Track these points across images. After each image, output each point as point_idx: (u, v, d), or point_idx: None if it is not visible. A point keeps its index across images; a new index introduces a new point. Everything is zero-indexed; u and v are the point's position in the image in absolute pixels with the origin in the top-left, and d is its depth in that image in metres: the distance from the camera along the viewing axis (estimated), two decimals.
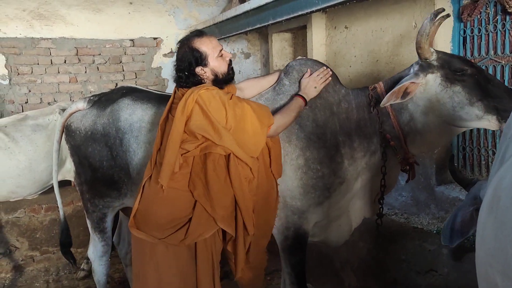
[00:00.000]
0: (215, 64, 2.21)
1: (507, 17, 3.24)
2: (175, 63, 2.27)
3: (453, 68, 2.23)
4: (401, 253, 2.86)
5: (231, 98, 2.15)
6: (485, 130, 3.47)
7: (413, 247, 2.83)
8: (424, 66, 2.28)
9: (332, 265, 3.51)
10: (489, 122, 2.19)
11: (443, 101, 2.24)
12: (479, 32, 3.44)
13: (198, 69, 2.19)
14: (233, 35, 5.23)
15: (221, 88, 2.26)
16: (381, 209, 2.50)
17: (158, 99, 2.72)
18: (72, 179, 3.16)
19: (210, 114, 2.07)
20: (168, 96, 2.84)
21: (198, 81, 2.21)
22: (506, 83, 3.30)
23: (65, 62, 5.19)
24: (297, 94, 2.38)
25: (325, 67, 2.50)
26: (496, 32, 3.34)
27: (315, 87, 2.39)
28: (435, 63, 2.27)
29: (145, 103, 2.69)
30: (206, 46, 2.20)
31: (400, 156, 2.40)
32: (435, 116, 2.30)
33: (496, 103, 2.13)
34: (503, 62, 3.31)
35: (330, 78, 2.46)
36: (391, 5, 3.88)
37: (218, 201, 2.11)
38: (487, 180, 2.13)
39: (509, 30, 3.25)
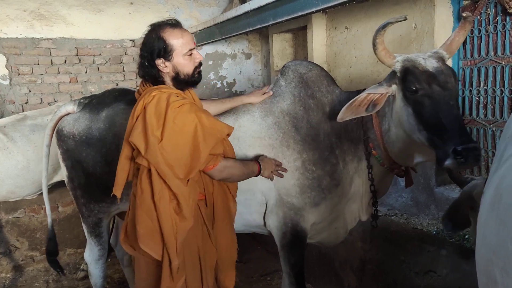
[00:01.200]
0: (180, 62, 2.01)
1: (507, 18, 3.24)
2: (140, 46, 2.09)
3: (407, 85, 1.98)
4: (401, 254, 2.86)
5: (180, 106, 1.92)
6: (484, 130, 3.48)
7: (412, 248, 2.83)
8: (392, 75, 2.10)
9: (331, 265, 3.50)
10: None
11: (403, 118, 2.03)
12: (479, 33, 3.44)
13: (159, 61, 1.99)
14: (233, 36, 5.23)
15: (182, 89, 2.09)
16: (375, 211, 2.47)
17: None
18: None
19: (148, 120, 1.89)
20: None
21: (154, 74, 2.03)
22: (505, 84, 3.30)
23: (65, 62, 5.20)
24: (258, 162, 2.22)
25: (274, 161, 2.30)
26: (496, 33, 3.33)
27: (271, 171, 2.25)
28: (398, 74, 2.05)
29: None
30: (175, 39, 1.99)
31: (386, 166, 2.28)
32: (403, 131, 2.09)
33: (436, 141, 1.85)
34: (503, 63, 3.31)
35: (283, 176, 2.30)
36: (391, 6, 3.88)
37: (140, 217, 1.94)
38: (480, 179, 2.14)
39: (509, 30, 3.25)
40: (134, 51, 5.55)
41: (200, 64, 2.10)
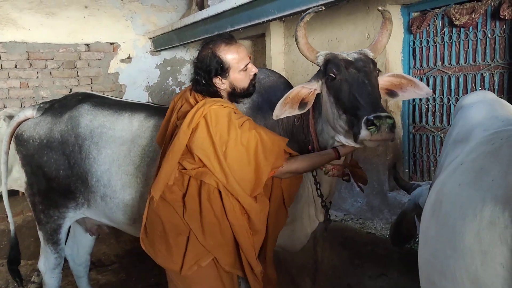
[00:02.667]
0: (236, 78, 2.01)
1: (454, 30, 3.40)
2: (195, 61, 2.05)
3: (327, 73, 1.98)
4: (355, 258, 2.93)
5: (242, 124, 1.93)
6: (433, 137, 3.63)
7: (366, 252, 2.90)
8: (318, 71, 2.10)
9: (288, 272, 3.53)
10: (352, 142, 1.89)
11: (328, 111, 2.00)
12: (427, 44, 3.60)
13: (216, 80, 1.99)
14: (192, 42, 5.21)
15: (236, 102, 2.11)
16: (327, 215, 2.44)
17: (119, 105, 2.67)
18: (19, 189, 3.03)
19: (214, 135, 1.88)
20: (127, 103, 2.75)
21: (213, 91, 2.02)
22: (452, 93, 3.46)
23: (16, 66, 5.00)
24: (335, 148, 2.10)
25: None
26: (444, 44, 3.50)
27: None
28: (321, 68, 2.05)
29: (106, 109, 2.64)
30: (231, 56, 1.98)
31: (324, 169, 2.19)
32: (330, 127, 2.06)
33: (353, 120, 1.84)
34: (449, 72, 3.47)
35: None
36: (345, 16, 3.99)
37: (210, 232, 1.92)
38: (425, 185, 2.23)
39: (455, 42, 3.41)
40: (89, 55, 5.41)
41: (255, 75, 2.09)
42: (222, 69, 1.97)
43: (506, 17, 2.99)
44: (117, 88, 5.66)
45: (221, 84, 2.01)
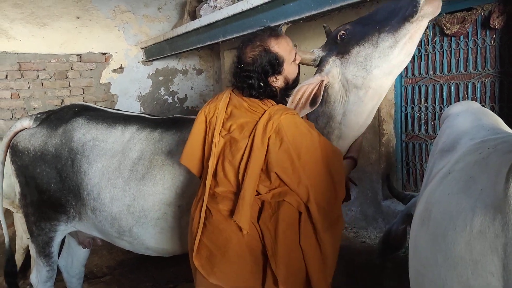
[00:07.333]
0: (289, 70, 1.87)
1: (445, 39, 3.42)
2: (238, 64, 1.87)
3: (337, 40, 2.01)
4: (349, 268, 2.90)
5: (316, 133, 1.77)
6: (426, 145, 3.63)
7: (360, 262, 2.88)
8: (320, 65, 2.08)
9: None
10: (411, 29, 1.84)
11: (353, 73, 1.95)
12: (419, 53, 3.62)
13: (272, 78, 1.83)
14: (184, 51, 5.21)
15: (287, 96, 1.93)
16: None
17: (113, 118, 2.65)
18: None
19: (291, 146, 1.71)
20: (122, 115, 2.70)
21: (270, 93, 1.85)
22: (444, 102, 3.47)
23: (6, 77, 4.96)
24: (349, 157, 2.02)
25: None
26: (435, 53, 3.52)
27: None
28: (322, 54, 2.09)
29: (100, 122, 2.62)
30: (283, 49, 1.84)
31: None
32: (355, 96, 2.00)
33: (391, 13, 1.87)
34: (441, 81, 3.48)
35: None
36: (337, 25, 3.97)
37: (284, 258, 1.72)
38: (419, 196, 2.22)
39: (447, 51, 3.43)
40: (81, 66, 5.39)
41: (299, 63, 1.98)
42: (278, 65, 1.82)
43: (496, 26, 3.01)
44: (109, 98, 5.64)
45: (276, 81, 1.86)
